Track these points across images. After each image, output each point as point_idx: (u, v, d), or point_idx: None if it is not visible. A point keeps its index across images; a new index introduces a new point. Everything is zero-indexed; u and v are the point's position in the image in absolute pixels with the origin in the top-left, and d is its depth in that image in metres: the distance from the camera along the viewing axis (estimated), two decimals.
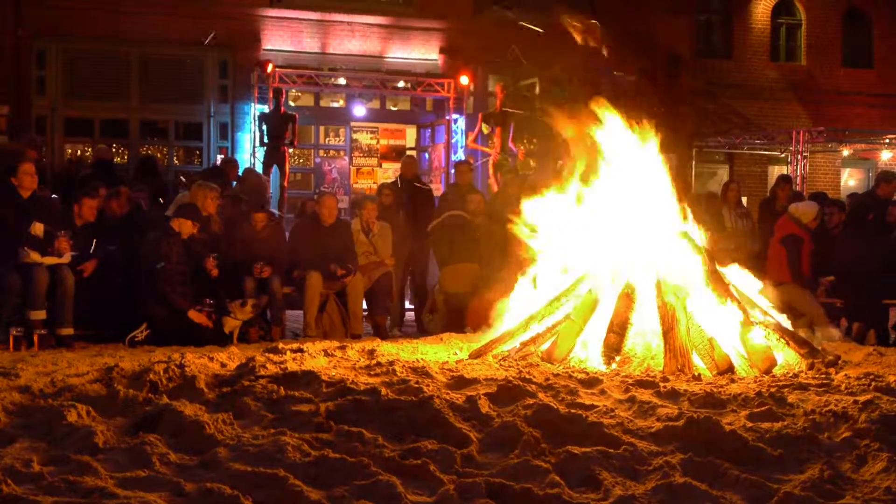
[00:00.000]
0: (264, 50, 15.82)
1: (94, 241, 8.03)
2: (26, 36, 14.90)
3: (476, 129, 14.12)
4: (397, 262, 9.61)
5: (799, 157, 15.81)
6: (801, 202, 10.18)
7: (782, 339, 6.54)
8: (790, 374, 6.08)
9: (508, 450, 3.87)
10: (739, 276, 7.19)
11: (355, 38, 16.40)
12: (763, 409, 4.53)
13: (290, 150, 14.29)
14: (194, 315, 7.88)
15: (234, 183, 11.34)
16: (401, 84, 15.93)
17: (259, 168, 13.56)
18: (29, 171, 7.82)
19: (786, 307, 7.58)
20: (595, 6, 16.95)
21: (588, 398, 4.92)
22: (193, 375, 5.11)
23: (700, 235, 7.14)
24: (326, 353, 6.62)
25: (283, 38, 16.07)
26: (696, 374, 5.94)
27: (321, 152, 16.69)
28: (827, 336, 8.08)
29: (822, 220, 10.01)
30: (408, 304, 10.75)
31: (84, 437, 3.93)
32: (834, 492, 3.46)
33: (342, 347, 7.01)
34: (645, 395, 4.96)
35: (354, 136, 16.48)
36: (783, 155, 17.85)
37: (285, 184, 14.01)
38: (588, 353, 6.43)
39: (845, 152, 18.36)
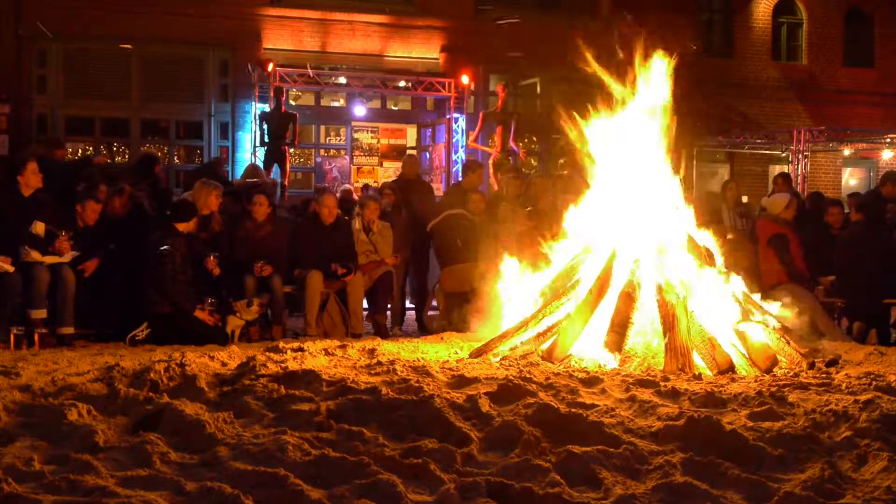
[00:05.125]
0: (265, 49, 15.83)
1: (96, 241, 8.05)
2: (27, 35, 14.92)
3: (477, 129, 14.13)
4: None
5: (800, 156, 15.82)
6: (771, 196, 10.18)
7: (783, 339, 6.53)
8: (791, 374, 6.08)
9: (509, 449, 3.86)
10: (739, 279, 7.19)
11: (356, 37, 16.41)
12: (763, 408, 4.53)
13: (291, 150, 14.30)
14: (201, 314, 7.89)
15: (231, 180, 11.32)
16: (401, 83, 15.93)
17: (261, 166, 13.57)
18: (36, 169, 7.83)
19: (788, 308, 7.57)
20: (597, 6, 16.98)
21: (588, 397, 4.91)
22: (194, 374, 5.11)
23: (701, 235, 7.14)
24: (327, 353, 6.62)
25: (283, 37, 16.08)
26: (697, 373, 5.94)
27: (322, 151, 16.70)
28: (828, 335, 8.07)
29: (822, 220, 10.01)
30: (408, 304, 10.75)
31: (85, 436, 3.93)
32: (834, 491, 3.46)
33: (343, 346, 7.01)
34: (645, 394, 4.96)
35: (355, 135, 16.49)
36: (784, 154, 17.86)
37: (286, 182, 14.02)
38: (588, 353, 6.43)
39: (846, 152, 18.38)
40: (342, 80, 15.63)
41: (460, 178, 12.01)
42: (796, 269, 8.94)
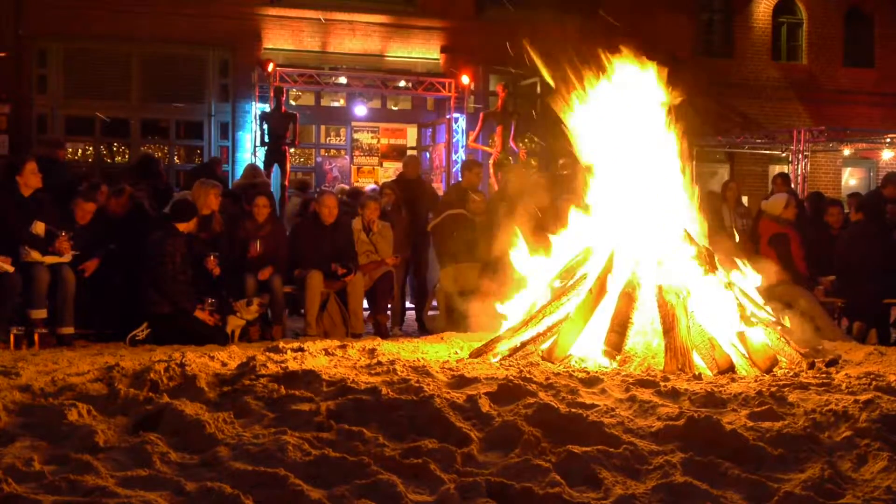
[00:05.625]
0: (265, 49, 15.83)
1: (96, 241, 8.05)
2: (27, 35, 14.91)
3: (477, 129, 14.12)
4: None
5: (800, 156, 15.81)
6: (770, 197, 10.19)
7: (783, 339, 6.53)
8: (791, 374, 6.08)
9: (509, 449, 3.86)
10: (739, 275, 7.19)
11: (356, 37, 16.41)
12: (763, 408, 4.53)
13: (291, 150, 14.30)
14: (201, 314, 7.90)
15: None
16: (402, 83, 15.93)
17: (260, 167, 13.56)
18: (34, 169, 7.83)
19: (783, 305, 7.58)
20: (599, 3, 16.95)
21: (588, 397, 4.91)
22: (194, 374, 5.11)
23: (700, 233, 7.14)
24: (327, 353, 6.62)
25: (283, 37, 16.07)
26: (697, 373, 5.94)
27: (322, 151, 16.70)
28: (828, 335, 8.07)
29: (822, 220, 10.00)
30: (408, 304, 10.75)
31: (85, 436, 3.93)
32: (834, 491, 3.46)
33: (343, 346, 7.01)
34: (645, 394, 4.96)
35: (355, 135, 16.49)
36: (784, 154, 17.84)
37: (286, 183, 14.02)
38: (588, 352, 6.43)
39: (846, 152, 18.36)
40: (342, 80, 15.62)
41: (460, 178, 12.00)
42: (796, 269, 8.94)
